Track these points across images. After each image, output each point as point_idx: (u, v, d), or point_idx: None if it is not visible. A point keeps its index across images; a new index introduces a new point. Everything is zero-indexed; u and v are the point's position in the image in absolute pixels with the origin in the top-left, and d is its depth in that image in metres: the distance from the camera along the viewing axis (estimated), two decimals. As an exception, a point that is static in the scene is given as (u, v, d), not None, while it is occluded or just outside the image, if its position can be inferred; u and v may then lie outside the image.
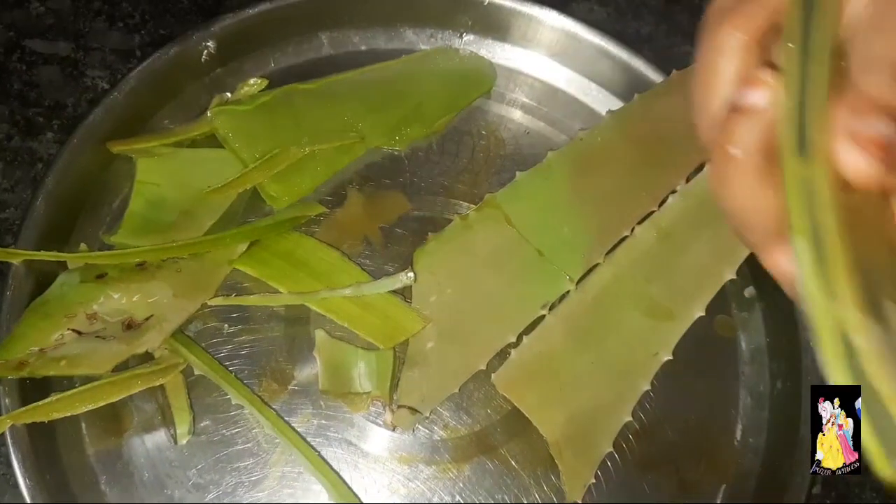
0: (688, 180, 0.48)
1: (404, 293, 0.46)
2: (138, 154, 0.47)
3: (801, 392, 0.45)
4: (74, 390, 0.42)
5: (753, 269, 0.48)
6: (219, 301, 0.45)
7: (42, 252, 0.44)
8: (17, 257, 0.43)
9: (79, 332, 0.43)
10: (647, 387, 0.45)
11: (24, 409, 0.41)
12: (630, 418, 0.44)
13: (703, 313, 0.46)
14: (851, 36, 0.26)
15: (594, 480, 0.44)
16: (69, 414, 0.42)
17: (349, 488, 0.43)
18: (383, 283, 0.45)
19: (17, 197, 0.50)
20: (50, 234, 0.45)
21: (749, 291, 0.49)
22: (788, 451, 0.45)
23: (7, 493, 0.43)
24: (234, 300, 0.45)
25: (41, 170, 0.50)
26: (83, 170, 0.47)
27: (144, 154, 0.47)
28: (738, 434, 0.47)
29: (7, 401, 0.41)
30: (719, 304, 0.47)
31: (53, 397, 0.41)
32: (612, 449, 0.44)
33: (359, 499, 0.43)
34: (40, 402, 0.41)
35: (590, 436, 0.44)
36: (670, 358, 0.45)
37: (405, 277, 0.45)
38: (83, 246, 0.46)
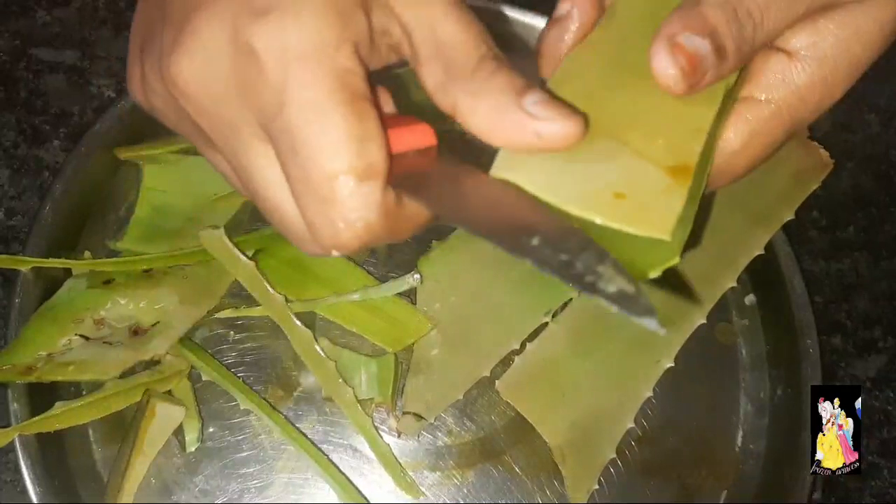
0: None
1: (410, 297, 0.46)
2: (145, 161, 0.48)
3: (801, 398, 0.45)
4: (80, 401, 0.42)
5: (754, 278, 0.49)
6: (228, 313, 0.46)
7: (50, 259, 0.44)
8: (25, 265, 0.44)
9: (86, 338, 0.43)
10: (649, 393, 0.45)
11: (30, 420, 0.41)
12: (632, 424, 0.45)
13: (704, 321, 0.46)
14: None
15: (597, 486, 0.44)
16: (75, 424, 0.42)
17: (359, 491, 0.43)
18: (391, 285, 0.46)
19: (24, 205, 0.50)
20: (57, 241, 0.45)
21: (749, 299, 0.50)
22: (789, 457, 0.45)
23: (15, 499, 0.44)
24: (242, 311, 0.46)
25: (48, 178, 0.51)
26: (90, 177, 0.47)
27: (151, 161, 0.48)
28: (739, 440, 0.47)
29: (15, 405, 0.42)
30: (720, 311, 0.48)
31: (59, 409, 0.42)
32: (614, 455, 0.44)
33: (367, 500, 0.43)
34: (46, 414, 0.41)
35: (593, 442, 0.44)
36: (672, 365, 0.45)
37: (412, 279, 0.46)
38: (87, 254, 0.46)
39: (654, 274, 0.28)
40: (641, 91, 0.30)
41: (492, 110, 0.28)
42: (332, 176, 0.27)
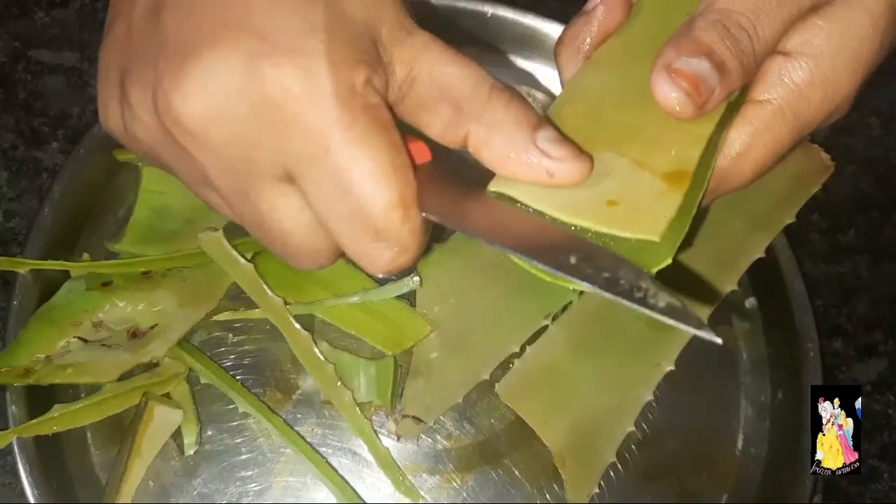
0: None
1: (410, 300, 0.46)
2: (144, 163, 0.48)
3: (802, 402, 0.45)
4: (78, 404, 0.42)
5: (754, 281, 0.49)
6: (226, 315, 0.46)
7: (48, 261, 0.44)
8: (23, 266, 0.44)
9: (84, 340, 0.43)
10: (650, 397, 0.45)
11: (28, 423, 0.41)
12: (632, 428, 0.45)
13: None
14: None
15: (597, 490, 0.44)
16: (73, 427, 0.42)
17: (358, 495, 0.43)
18: (390, 288, 0.45)
19: (22, 206, 0.50)
20: (56, 243, 0.45)
21: (750, 302, 0.49)
22: (789, 460, 0.45)
23: (13, 502, 0.43)
24: (241, 314, 0.46)
25: (46, 179, 0.51)
26: (88, 179, 0.47)
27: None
28: (740, 443, 0.47)
29: (13, 408, 0.42)
30: (720, 315, 0.48)
31: (57, 411, 0.41)
32: (615, 458, 0.44)
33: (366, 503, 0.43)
34: (44, 416, 0.41)
35: (593, 445, 0.44)
36: (672, 368, 0.45)
37: (411, 282, 0.45)
38: (86, 256, 0.46)
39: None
40: (645, 107, 0.31)
41: (506, 144, 0.29)
42: (388, 207, 0.27)
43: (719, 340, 0.25)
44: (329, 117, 0.26)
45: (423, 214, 0.29)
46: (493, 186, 0.29)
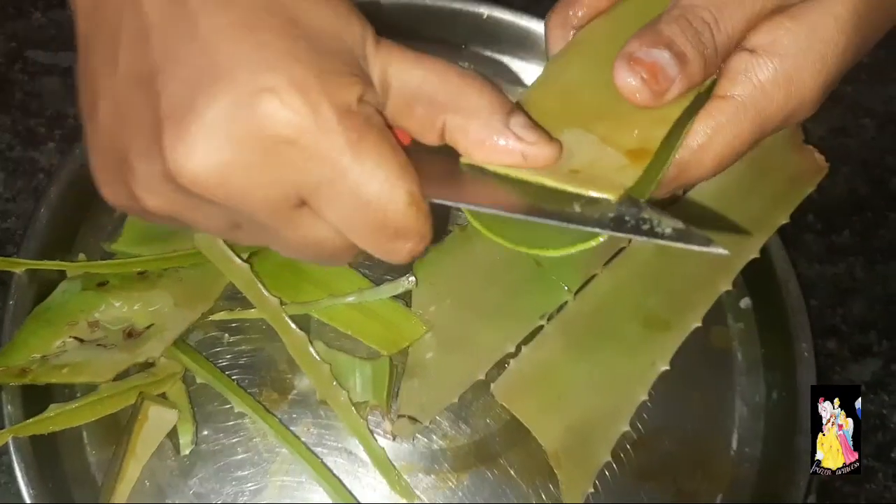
0: (685, 191, 0.49)
1: (405, 301, 0.46)
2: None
3: (797, 402, 0.45)
4: (74, 404, 0.42)
5: (749, 281, 0.49)
6: (222, 315, 0.46)
7: (45, 261, 0.44)
8: (19, 266, 0.44)
9: (80, 340, 0.43)
10: (645, 397, 0.45)
11: (24, 423, 0.41)
12: (628, 428, 0.45)
13: (699, 324, 0.46)
14: None
15: (592, 489, 0.44)
16: (69, 426, 0.42)
17: (353, 495, 0.43)
18: (385, 288, 0.46)
19: (18, 207, 0.50)
20: (52, 244, 0.45)
21: (745, 303, 0.50)
22: (784, 460, 0.45)
23: (9, 501, 0.43)
24: (237, 314, 0.46)
25: (43, 180, 0.51)
26: (85, 179, 0.47)
27: (146, 164, 0.48)
28: (734, 444, 0.47)
29: (9, 408, 0.42)
30: (715, 315, 0.48)
31: (53, 411, 0.41)
32: (610, 458, 0.44)
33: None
34: (40, 416, 0.41)
35: (588, 445, 0.44)
36: (667, 368, 0.45)
37: (407, 282, 0.46)
38: (82, 256, 0.46)
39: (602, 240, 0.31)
40: (617, 90, 0.32)
41: (482, 130, 0.30)
42: (404, 207, 0.28)
43: (726, 252, 0.26)
44: (340, 141, 0.27)
45: (431, 201, 0.30)
46: (464, 159, 0.31)
